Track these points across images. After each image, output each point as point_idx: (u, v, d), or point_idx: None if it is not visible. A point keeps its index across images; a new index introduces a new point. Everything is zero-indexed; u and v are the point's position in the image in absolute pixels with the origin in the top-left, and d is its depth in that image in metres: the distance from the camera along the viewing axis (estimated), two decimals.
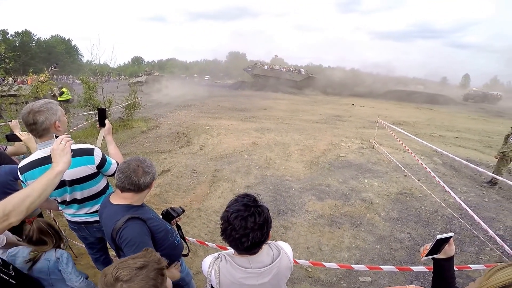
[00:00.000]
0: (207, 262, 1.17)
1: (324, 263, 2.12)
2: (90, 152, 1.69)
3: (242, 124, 9.96)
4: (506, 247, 3.20)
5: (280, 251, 1.19)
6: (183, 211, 1.84)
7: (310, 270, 3.07)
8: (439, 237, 1.07)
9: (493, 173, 5.52)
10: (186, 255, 1.78)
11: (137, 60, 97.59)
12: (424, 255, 1.10)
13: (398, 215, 4.23)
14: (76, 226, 1.85)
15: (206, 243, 2.68)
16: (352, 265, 2.03)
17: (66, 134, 1.39)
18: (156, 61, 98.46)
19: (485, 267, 2.56)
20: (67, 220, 1.87)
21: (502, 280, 0.76)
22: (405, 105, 22.45)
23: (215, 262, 1.14)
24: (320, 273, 3.04)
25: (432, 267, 1.16)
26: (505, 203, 4.89)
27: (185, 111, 13.13)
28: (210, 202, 4.46)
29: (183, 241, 1.78)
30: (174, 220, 1.78)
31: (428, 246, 1.09)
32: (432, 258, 1.13)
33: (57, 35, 60.33)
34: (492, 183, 5.49)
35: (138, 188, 1.38)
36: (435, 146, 8.00)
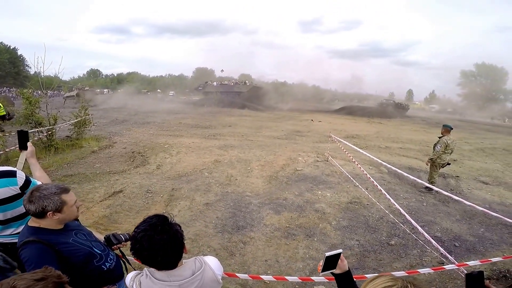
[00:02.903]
0: (129, 277, 1.22)
1: (261, 276, 2.22)
2: (11, 174, 1.68)
3: (204, 142, 9.89)
4: (442, 249, 3.45)
5: (202, 265, 1.26)
6: (129, 238, 1.81)
7: (268, 282, 3.11)
8: (327, 254, 1.15)
9: (428, 179, 6.21)
10: None
11: (94, 73, 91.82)
12: (320, 271, 1.19)
13: (348, 223, 4.52)
14: (2, 247, 1.75)
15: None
16: (286, 277, 2.17)
17: None
18: (116, 75, 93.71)
19: (432, 270, 2.82)
20: None
21: None
22: (358, 120, 24.33)
23: (136, 277, 1.19)
24: (277, 285, 3.12)
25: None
26: (441, 206, 5.42)
27: (143, 129, 12.65)
28: None
29: (128, 264, 1.79)
30: (116, 246, 1.77)
31: (321, 262, 1.17)
32: (332, 273, 1.22)
33: (1, 43, 53.90)
34: (429, 188, 6.11)
35: (31, 214, 1.40)
36: (382, 156, 8.81)
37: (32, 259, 1.32)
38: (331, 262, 1.19)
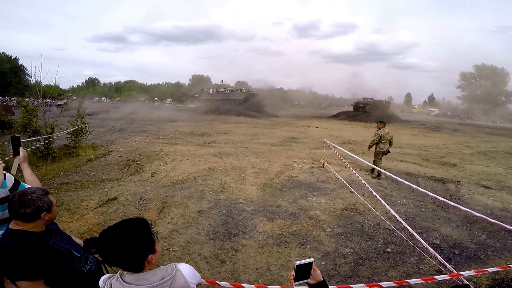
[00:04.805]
0: (102, 279, 1.25)
1: (243, 285, 2.17)
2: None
3: (200, 149, 9.88)
4: (439, 257, 3.34)
5: (174, 271, 1.26)
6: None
7: None
8: (297, 263, 1.11)
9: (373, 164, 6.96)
10: None
11: (92, 82, 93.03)
12: (292, 281, 1.14)
13: (342, 230, 4.42)
14: None
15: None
16: (267, 286, 2.11)
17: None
18: (113, 83, 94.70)
19: (422, 281, 2.70)
20: None
21: None
22: (356, 125, 24.36)
23: (108, 279, 1.22)
24: None
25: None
26: (440, 212, 5.22)
27: (139, 137, 12.64)
28: (158, 229, 4.28)
29: (108, 267, 1.77)
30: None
31: (293, 271, 1.13)
32: (307, 283, 1.18)
33: (3, 53, 54.66)
34: (373, 170, 7.20)
35: (21, 218, 1.44)
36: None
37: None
38: (303, 272, 1.14)
